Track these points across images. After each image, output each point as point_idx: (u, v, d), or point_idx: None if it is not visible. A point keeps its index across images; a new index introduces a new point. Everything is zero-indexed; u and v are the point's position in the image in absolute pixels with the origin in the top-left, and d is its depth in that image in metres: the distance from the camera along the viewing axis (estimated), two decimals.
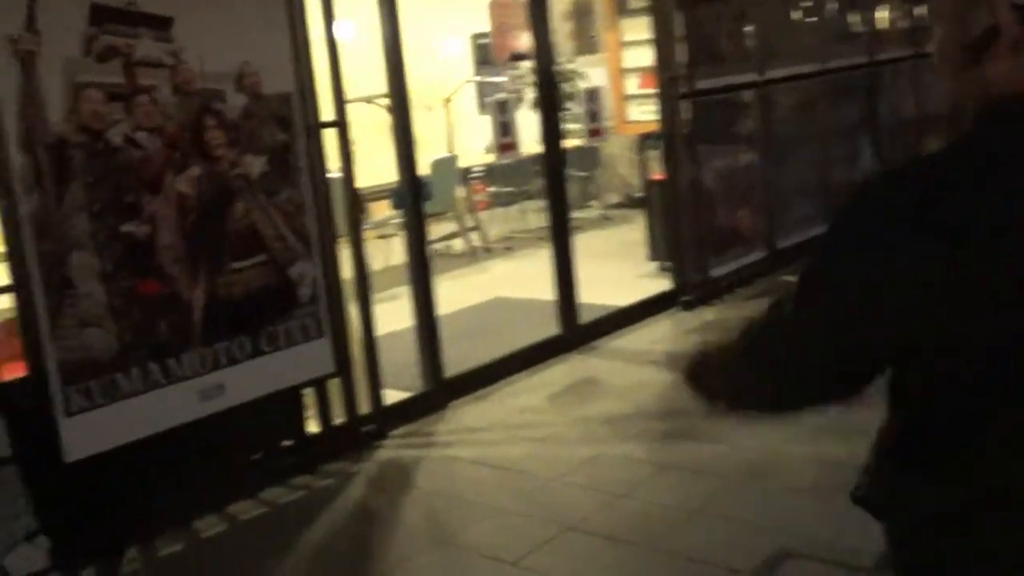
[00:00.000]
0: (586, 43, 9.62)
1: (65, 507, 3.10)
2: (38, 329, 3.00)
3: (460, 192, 8.31)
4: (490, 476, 3.69)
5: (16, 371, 3.08)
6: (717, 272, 5.80)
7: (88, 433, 3.11)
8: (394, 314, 4.70)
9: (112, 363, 3.17)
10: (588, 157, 8.75)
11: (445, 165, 8.00)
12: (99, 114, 3.11)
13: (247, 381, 3.53)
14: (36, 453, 2.97)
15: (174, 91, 3.30)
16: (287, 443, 3.83)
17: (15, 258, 2.96)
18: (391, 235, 6.94)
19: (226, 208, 3.45)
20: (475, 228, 8.45)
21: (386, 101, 4.40)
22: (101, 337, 3.13)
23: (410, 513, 3.46)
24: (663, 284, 5.78)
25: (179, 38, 3.29)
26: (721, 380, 1.30)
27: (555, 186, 5.17)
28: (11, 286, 3.03)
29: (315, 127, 3.81)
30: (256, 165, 3.54)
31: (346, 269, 3.95)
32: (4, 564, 2.72)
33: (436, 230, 8.21)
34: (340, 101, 3.95)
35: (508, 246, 8.27)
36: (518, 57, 8.30)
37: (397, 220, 5.91)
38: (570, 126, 6.72)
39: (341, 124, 3.95)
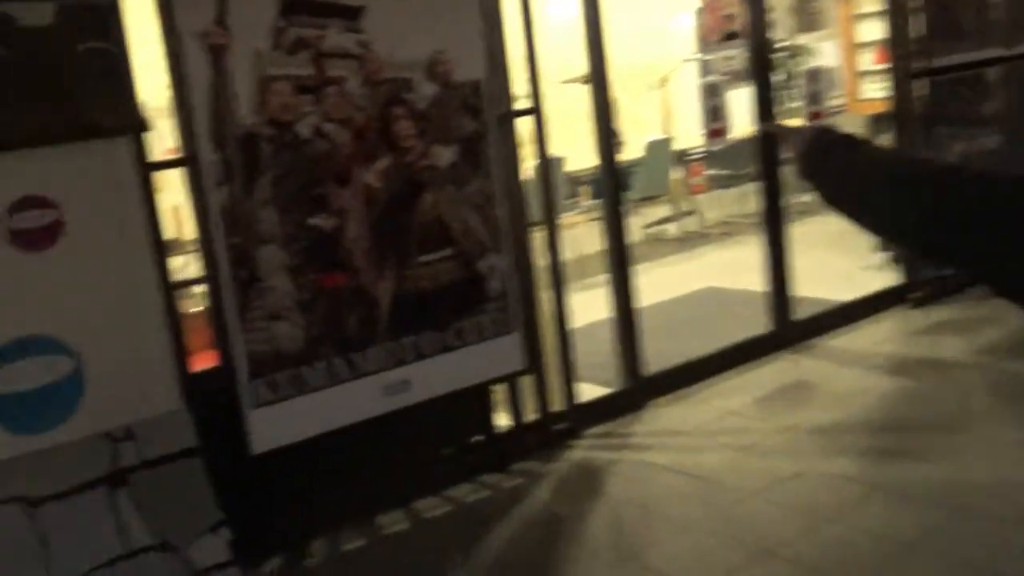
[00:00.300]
0: (810, 18, 9.05)
1: (250, 499, 3.13)
2: (227, 321, 3.03)
3: (677, 174, 8.02)
4: (684, 486, 3.46)
5: (206, 362, 3.12)
6: None
7: (274, 425, 3.13)
8: (599, 303, 4.50)
9: (299, 356, 3.16)
10: None
11: (659, 147, 7.73)
12: (288, 106, 3.09)
13: (434, 377, 3.46)
14: (222, 444, 3.00)
15: (363, 82, 3.24)
16: (476, 439, 3.74)
17: (206, 251, 2.99)
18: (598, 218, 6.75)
19: (414, 200, 3.38)
20: (691, 212, 8.14)
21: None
22: (288, 330, 3.13)
23: (596, 523, 3.28)
24: (890, 279, 5.30)
25: (369, 27, 3.23)
26: (842, 175, 1.26)
27: (768, 170, 4.82)
28: (202, 278, 3.08)
29: (508, 115, 3.68)
30: (445, 156, 3.44)
31: (543, 258, 3.81)
32: (188, 555, 2.75)
33: (652, 213, 7.98)
34: (535, 87, 3.80)
35: (726, 231, 7.92)
36: (731, 36, 7.89)
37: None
38: (794, 105, 6.30)
39: (537, 111, 3.80)
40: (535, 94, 3.79)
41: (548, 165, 3.91)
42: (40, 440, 2.60)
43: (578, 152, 5.31)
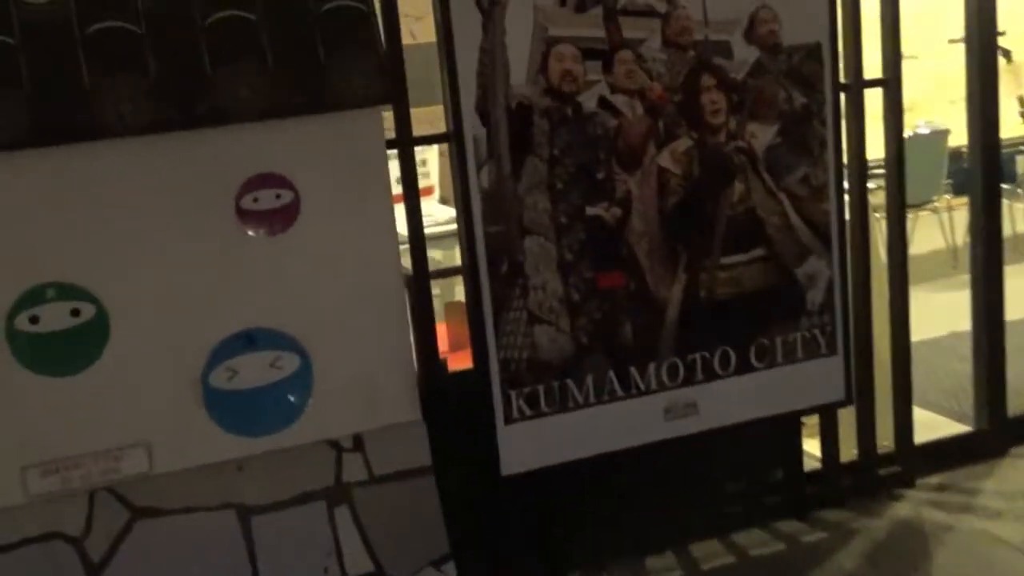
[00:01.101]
0: None
1: (494, 527, 2.75)
2: (483, 321, 2.64)
3: None
4: None
5: (456, 364, 2.77)
6: None
7: (529, 444, 2.71)
8: (952, 310, 3.67)
9: (563, 367, 2.71)
10: None
11: None
12: (572, 74, 2.61)
13: (727, 401, 2.88)
14: (467, 462, 2.63)
15: (664, 44, 2.68)
16: (774, 478, 3.12)
17: (467, 238, 2.60)
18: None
19: (720, 189, 2.78)
20: None
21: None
22: (553, 336, 2.69)
23: None
24: None
25: None
26: None
27: None
28: (458, 269, 2.71)
29: (854, 86, 2.96)
30: (764, 136, 2.81)
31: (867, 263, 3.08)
32: None
33: None
34: (895, 51, 3.04)
35: None
36: None
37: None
38: None
39: (893, 82, 3.04)
40: (893, 59, 3.03)
41: (900, 145, 3.13)
42: (259, 443, 2.36)
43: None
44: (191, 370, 2.30)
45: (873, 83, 3.01)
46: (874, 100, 3.04)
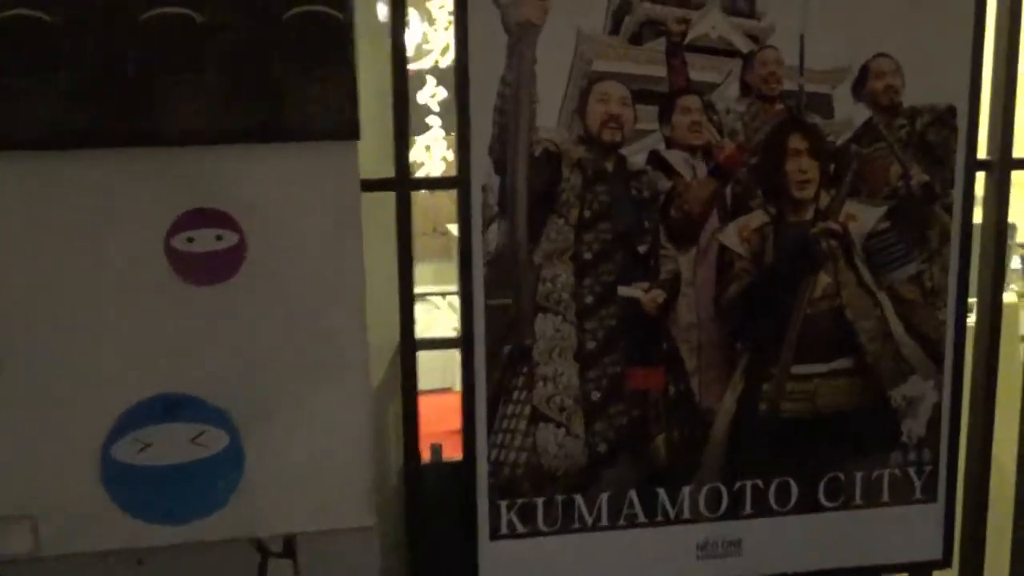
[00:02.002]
0: None
1: None
2: (473, 411, 2.14)
3: None
4: None
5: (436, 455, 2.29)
6: None
7: (518, 568, 2.20)
8: None
9: (572, 479, 2.19)
10: None
11: None
12: (617, 120, 2.07)
13: (782, 544, 2.28)
14: None
15: (743, 93, 2.11)
16: None
17: (465, 309, 2.11)
18: None
19: (799, 280, 2.19)
20: None
21: None
22: (562, 440, 2.16)
23: None
24: None
25: (771, 10, 2.09)
26: None
27: None
28: (453, 341, 2.22)
29: (996, 165, 2.31)
30: (865, 219, 2.20)
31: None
32: None
33: None
34: None
35: None
36: None
37: None
38: None
39: None
40: None
41: None
42: (167, 533, 1.94)
43: None
44: (91, 437, 1.90)
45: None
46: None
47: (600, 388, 2.16)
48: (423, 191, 4.90)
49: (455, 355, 2.20)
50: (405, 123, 2.07)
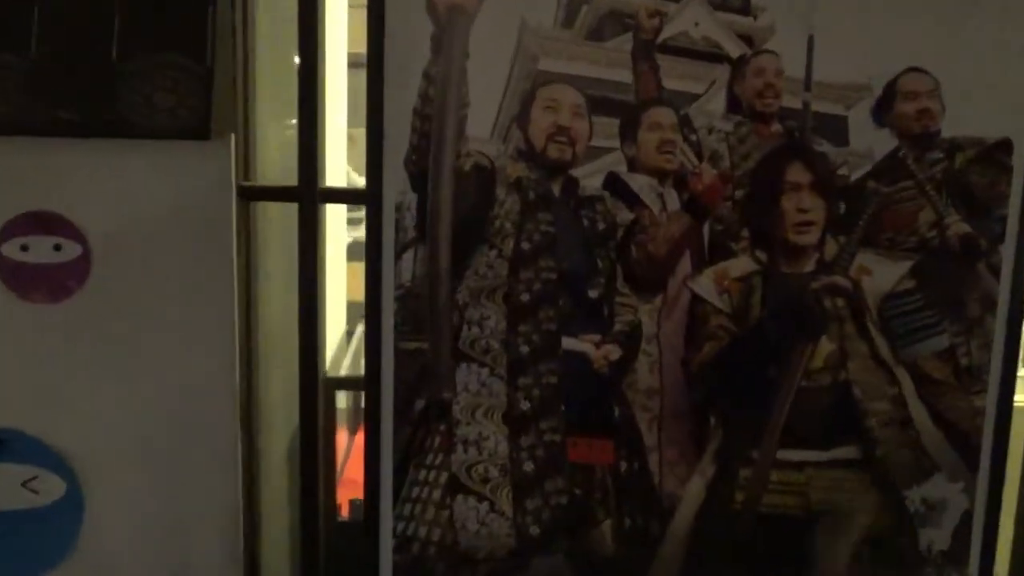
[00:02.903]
0: None
1: None
2: (377, 474, 1.78)
3: None
4: None
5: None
6: None
7: None
8: None
9: (495, 565, 1.79)
10: None
11: None
12: (568, 133, 1.68)
13: None
14: None
15: (731, 108, 1.69)
16: None
17: (371, 352, 1.75)
18: None
19: (795, 345, 1.75)
20: None
21: None
22: (484, 517, 1.78)
23: None
24: None
25: (771, 6, 1.66)
26: None
27: None
28: (355, 381, 1.86)
29: None
30: (885, 275, 1.74)
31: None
32: None
33: None
34: None
35: None
36: None
37: None
38: None
39: None
40: None
41: None
42: None
43: None
44: None
45: None
46: None
47: (534, 458, 1.77)
48: None
49: None
50: (313, 120, 1.71)
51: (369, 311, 1.72)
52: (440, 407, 1.75)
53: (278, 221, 1.90)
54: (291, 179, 1.74)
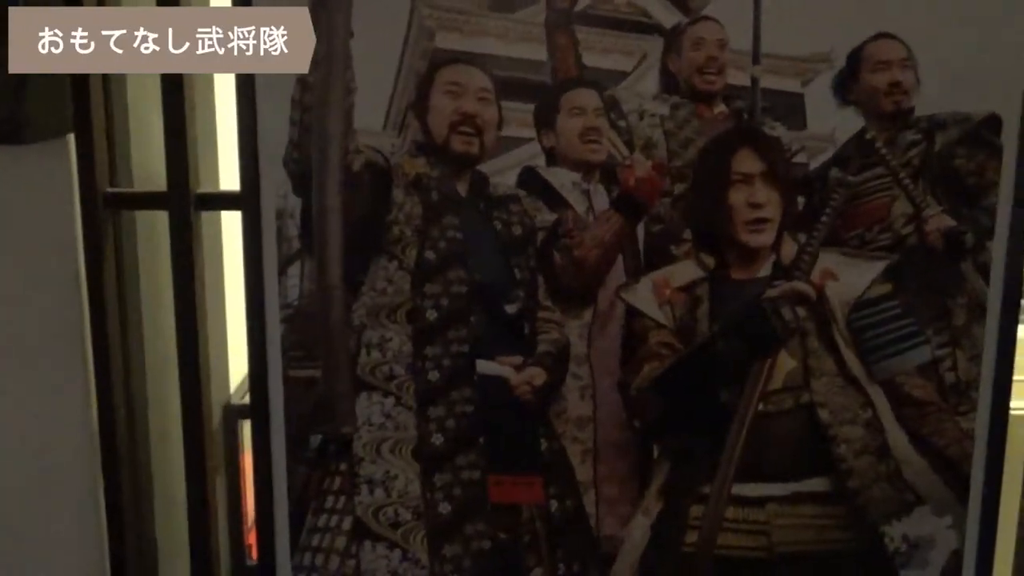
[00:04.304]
0: None
1: None
2: (271, 521, 1.54)
3: None
4: None
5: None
6: None
7: None
8: None
9: None
10: None
11: None
12: (474, 121, 1.43)
13: None
14: None
15: (666, 88, 1.43)
16: None
17: (255, 383, 1.51)
18: None
19: (750, 363, 1.49)
20: None
21: None
22: (397, 567, 1.54)
23: None
24: None
25: None
26: None
27: None
28: (241, 410, 1.61)
29: None
30: (855, 278, 1.49)
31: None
32: None
33: None
34: None
35: None
36: None
37: None
38: None
39: None
40: None
41: None
42: None
43: None
44: None
45: None
46: None
47: (451, 499, 1.52)
48: None
49: None
50: (181, 117, 1.47)
51: (251, 335, 1.49)
52: (340, 443, 1.51)
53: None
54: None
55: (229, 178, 1.64)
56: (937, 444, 1.54)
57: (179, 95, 1.46)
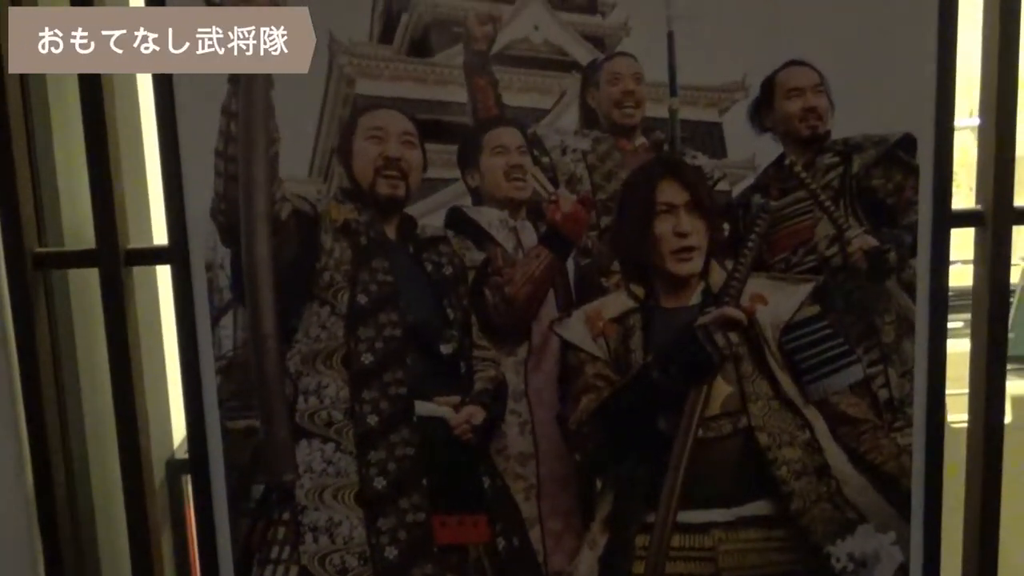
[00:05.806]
0: None
1: None
2: (217, 555, 1.53)
3: None
4: None
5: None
6: None
7: None
8: None
9: None
10: None
11: None
12: (398, 164, 1.44)
13: None
14: None
15: (586, 123, 1.45)
16: None
17: (194, 434, 1.50)
18: None
19: (687, 386, 1.51)
20: None
21: None
22: None
23: None
24: None
25: (621, 3, 1.42)
26: None
27: None
28: (182, 463, 1.60)
29: (986, 217, 1.57)
30: (784, 301, 1.50)
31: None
32: None
33: None
34: None
35: None
36: None
37: None
38: None
39: None
40: None
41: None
42: None
43: None
44: None
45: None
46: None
47: (397, 542, 1.52)
48: None
49: None
50: (106, 171, 1.47)
51: (187, 388, 1.48)
52: (281, 492, 1.50)
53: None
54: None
55: (163, 231, 1.63)
56: (875, 461, 1.55)
57: (103, 151, 1.46)
